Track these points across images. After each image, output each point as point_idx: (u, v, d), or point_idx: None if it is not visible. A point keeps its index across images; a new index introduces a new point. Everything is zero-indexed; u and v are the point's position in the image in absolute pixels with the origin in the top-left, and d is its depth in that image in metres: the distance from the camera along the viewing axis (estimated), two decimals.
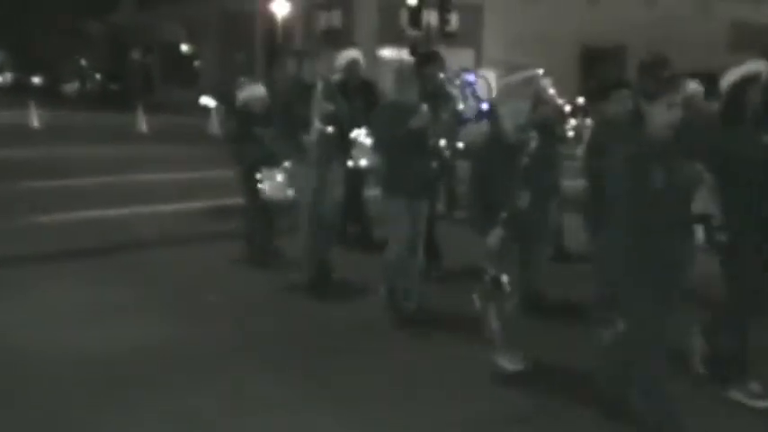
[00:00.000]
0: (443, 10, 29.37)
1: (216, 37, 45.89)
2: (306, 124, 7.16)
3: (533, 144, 5.54)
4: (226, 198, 11.93)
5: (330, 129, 7.24)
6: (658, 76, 4.79)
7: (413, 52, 32.32)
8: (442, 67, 7.88)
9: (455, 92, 9.72)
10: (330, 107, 7.28)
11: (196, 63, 47.73)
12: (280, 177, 7.85)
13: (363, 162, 7.96)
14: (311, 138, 7.16)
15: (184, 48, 47.90)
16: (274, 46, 31.47)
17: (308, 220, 7.27)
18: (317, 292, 7.22)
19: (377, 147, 6.81)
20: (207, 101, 33.79)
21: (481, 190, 5.51)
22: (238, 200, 8.34)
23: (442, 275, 7.72)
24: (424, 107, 6.39)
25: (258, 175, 7.95)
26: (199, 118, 27.02)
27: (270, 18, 31.89)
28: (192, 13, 45.27)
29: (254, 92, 8.41)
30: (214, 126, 24.48)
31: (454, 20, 30.93)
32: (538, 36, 31.73)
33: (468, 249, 6.99)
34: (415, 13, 29.40)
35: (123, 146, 20.25)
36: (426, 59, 7.89)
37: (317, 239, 7.34)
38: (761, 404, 5.07)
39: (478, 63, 34.13)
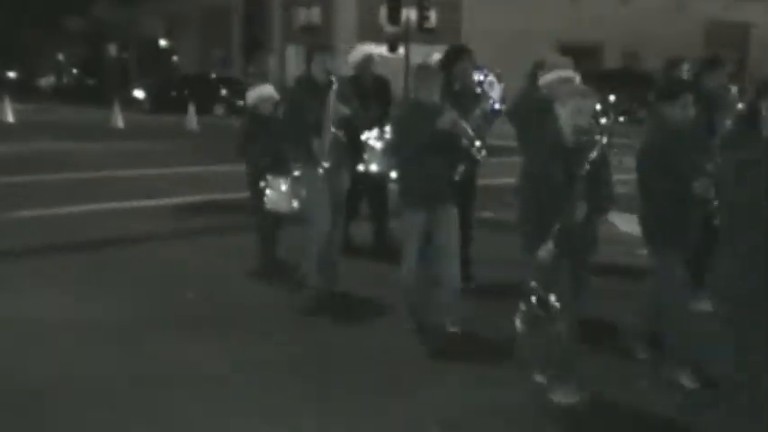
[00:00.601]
0: (422, 6, 29.39)
1: (194, 32, 45.70)
2: (317, 127, 6.56)
3: (596, 148, 4.97)
4: (202, 194, 11.99)
5: (342, 133, 6.70)
6: None
7: (392, 49, 32.38)
8: (473, 63, 7.13)
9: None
10: (345, 110, 6.69)
11: (174, 58, 47.47)
12: (285, 187, 7.23)
13: (374, 167, 7.54)
14: (323, 142, 6.56)
15: (162, 43, 47.62)
16: (253, 42, 31.35)
17: (317, 230, 6.70)
18: (325, 309, 6.67)
19: (396, 151, 6.18)
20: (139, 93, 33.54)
21: (535, 200, 5.01)
22: (214, 195, 8.25)
23: (472, 286, 6.95)
24: (446, 107, 5.86)
25: (262, 183, 7.37)
26: (175, 114, 26.99)
27: (248, 14, 31.76)
28: (171, 8, 45.04)
29: (262, 92, 7.73)
30: (192, 122, 24.51)
31: (433, 16, 30.95)
32: (516, 33, 31.82)
33: (499, 256, 7.30)
34: (394, 10, 29.40)
35: (99, 141, 20.13)
36: (456, 55, 7.09)
37: (325, 252, 6.78)
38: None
39: None
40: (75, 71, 48.80)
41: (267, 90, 7.75)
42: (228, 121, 24.76)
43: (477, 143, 6.06)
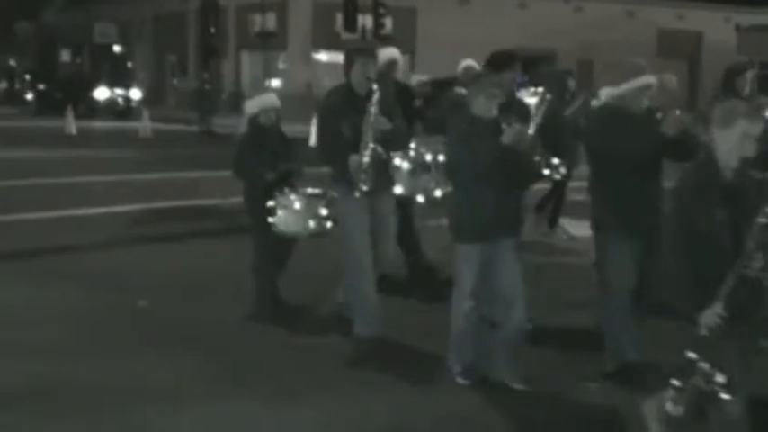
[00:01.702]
0: (378, 14, 29.46)
1: (149, 38, 45.37)
2: (355, 143, 5.77)
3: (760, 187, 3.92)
4: (155, 201, 11.92)
5: (383, 150, 5.85)
6: None
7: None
8: (517, 71, 6.25)
9: None
10: (387, 124, 5.84)
11: (129, 64, 47.05)
12: (299, 205, 6.41)
13: (399, 190, 6.67)
14: (362, 160, 5.73)
15: (117, 48, 47.17)
16: (207, 48, 31.17)
17: (353, 263, 5.93)
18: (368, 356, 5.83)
19: (453, 175, 5.35)
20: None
21: (694, 255, 4.00)
22: (170, 203, 8.09)
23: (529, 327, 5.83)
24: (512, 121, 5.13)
25: (271, 203, 6.46)
26: (130, 120, 26.77)
27: (203, 20, 31.60)
28: (125, 13, 44.66)
29: (264, 100, 6.89)
30: (147, 129, 24.32)
31: (389, 23, 31.05)
32: (470, 40, 31.98)
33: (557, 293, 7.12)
34: (350, 17, 29.43)
35: (52, 149, 19.88)
36: (503, 62, 6.12)
37: (368, 285, 5.96)
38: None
39: (412, 67, 34.31)
40: (27, 77, 48.11)
41: (269, 98, 6.96)
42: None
43: (556, 160, 5.59)
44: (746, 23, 38.58)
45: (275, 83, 37.03)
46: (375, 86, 5.78)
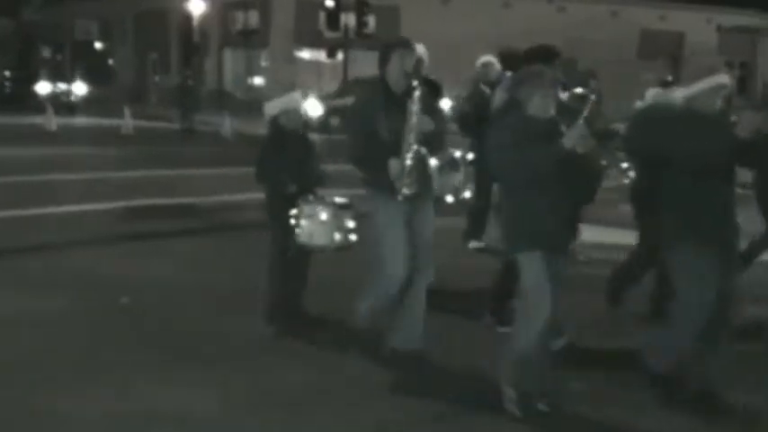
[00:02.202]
0: (361, 12, 29.45)
1: (130, 35, 45.16)
2: (395, 145, 5.24)
3: None
4: (136, 199, 11.84)
5: (427, 153, 5.38)
6: None
7: (330, 54, 32.41)
8: (558, 69, 5.75)
9: None
10: (430, 124, 5.34)
11: (110, 61, 46.84)
12: (325, 216, 5.92)
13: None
14: (406, 163, 5.22)
15: (98, 45, 46.94)
16: (189, 45, 31.08)
17: (387, 276, 5.40)
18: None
19: (506, 180, 4.83)
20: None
21: None
22: (151, 200, 8.03)
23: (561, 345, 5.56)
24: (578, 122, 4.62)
25: (294, 211, 5.94)
26: (113, 118, 26.60)
27: (185, 17, 31.49)
28: (107, 10, 44.44)
29: (288, 102, 6.28)
30: (128, 126, 24.19)
31: (371, 22, 31.05)
32: (453, 38, 32.02)
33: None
34: (333, 15, 29.41)
35: (32, 146, 19.73)
36: (543, 58, 5.70)
37: (398, 306, 5.50)
38: None
39: None
40: (7, 74, 47.79)
41: (293, 99, 6.33)
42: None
43: (624, 164, 5.25)
44: (728, 24, 38.87)
45: (257, 80, 37.05)
46: (416, 82, 5.24)
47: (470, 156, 8.10)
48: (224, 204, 12.02)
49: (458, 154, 6.67)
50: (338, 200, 6.04)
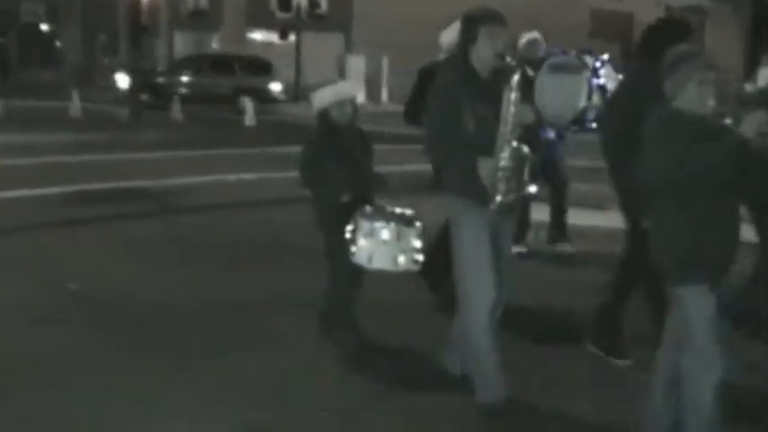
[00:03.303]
0: None
1: (78, 16, 44.37)
2: (485, 142, 4.31)
3: None
4: (83, 183, 11.58)
5: (530, 152, 4.40)
6: None
7: (282, 35, 32.12)
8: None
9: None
10: (531, 115, 4.48)
11: (57, 44, 45.99)
12: (387, 234, 5.01)
13: None
14: (501, 164, 4.29)
15: (44, 27, 46.05)
16: (138, 27, 30.56)
17: (475, 305, 4.45)
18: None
19: (662, 191, 3.80)
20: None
21: None
22: (99, 184, 7.81)
23: None
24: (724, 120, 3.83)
25: (349, 227, 5.07)
26: (60, 101, 26.10)
27: None
28: None
29: (340, 91, 5.41)
30: (76, 109, 23.73)
31: (324, 3, 30.83)
32: (407, 20, 31.90)
33: None
34: None
35: None
36: (676, 35, 4.63)
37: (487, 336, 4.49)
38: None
39: (348, 47, 34.15)
40: None
41: (345, 88, 5.52)
42: None
43: None
44: (676, 4, 39.13)
45: None
46: (513, 63, 4.33)
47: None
48: (174, 188, 11.84)
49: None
50: (400, 211, 5.15)
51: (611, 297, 5.31)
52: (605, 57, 4.19)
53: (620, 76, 4.16)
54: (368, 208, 5.14)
